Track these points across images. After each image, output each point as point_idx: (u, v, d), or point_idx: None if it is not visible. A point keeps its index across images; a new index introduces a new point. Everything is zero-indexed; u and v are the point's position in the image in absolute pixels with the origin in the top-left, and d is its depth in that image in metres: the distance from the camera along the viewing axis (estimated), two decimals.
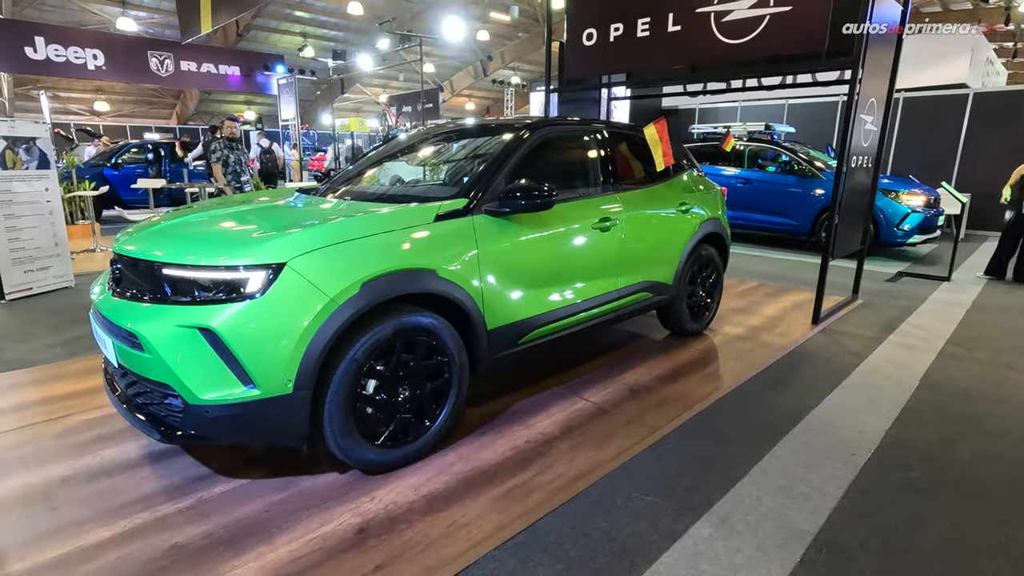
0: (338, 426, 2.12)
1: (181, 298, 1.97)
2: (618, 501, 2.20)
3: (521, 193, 2.54)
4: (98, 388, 3.12)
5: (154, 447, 2.51)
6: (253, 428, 2.03)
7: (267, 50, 20.22)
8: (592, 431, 2.72)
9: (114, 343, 2.08)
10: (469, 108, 31.72)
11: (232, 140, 6.64)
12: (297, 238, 2.07)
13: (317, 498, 2.16)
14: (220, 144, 6.63)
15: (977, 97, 9.50)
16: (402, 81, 26.98)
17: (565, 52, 5.95)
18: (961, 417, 2.96)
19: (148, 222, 2.49)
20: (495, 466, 2.41)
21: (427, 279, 2.30)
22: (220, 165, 6.59)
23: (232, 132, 6.64)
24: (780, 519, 2.10)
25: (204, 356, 1.91)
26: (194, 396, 1.91)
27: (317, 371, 2.02)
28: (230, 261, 1.95)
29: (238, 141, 6.72)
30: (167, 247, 2.10)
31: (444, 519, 2.05)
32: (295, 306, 1.97)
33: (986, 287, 5.89)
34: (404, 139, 3.61)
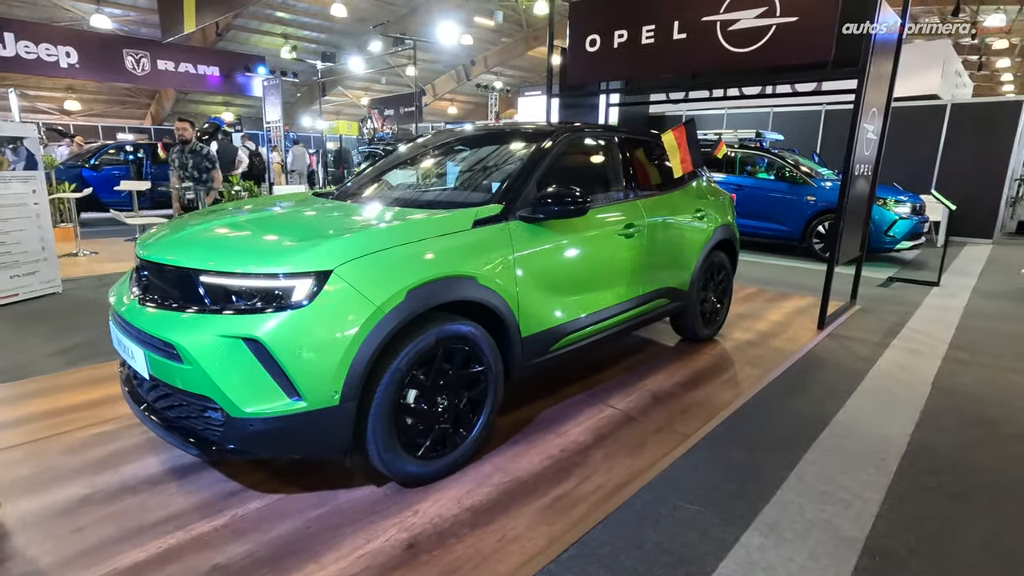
0: (381, 438, 2.06)
1: (222, 307, 1.89)
2: (663, 511, 2.18)
3: (556, 199, 2.52)
4: (105, 400, 2.99)
5: (177, 462, 2.41)
6: (296, 441, 1.96)
7: (247, 51, 19.87)
8: (624, 439, 2.71)
9: (146, 354, 1.98)
10: (451, 112, 31.65)
11: (185, 143, 5.98)
12: (342, 245, 2.01)
13: (358, 513, 2.10)
14: (176, 148, 6.08)
15: (955, 108, 9.82)
16: (384, 84, 26.80)
17: (567, 58, 5.96)
18: (977, 421, 3.02)
19: (170, 227, 2.39)
20: (534, 476, 2.37)
21: (468, 286, 2.26)
22: (178, 170, 6.00)
23: (183, 134, 5.94)
24: (827, 526, 2.10)
25: (248, 367, 1.83)
26: (237, 409, 1.83)
27: (363, 382, 1.96)
28: (275, 269, 1.88)
29: (189, 143, 5.98)
30: (205, 254, 2.01)
31: (493, 532, 2.00)
32: (342, 315, 1.91)
33: (974, 293, 6.06)
34: (421, 144, 3.56)
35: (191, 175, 5.99)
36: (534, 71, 28.32)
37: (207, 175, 6.04)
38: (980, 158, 9.57)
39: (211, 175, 6.07)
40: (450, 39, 18.41)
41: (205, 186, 6.04)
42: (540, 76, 28.83)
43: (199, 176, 6.02)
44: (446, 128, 3.64)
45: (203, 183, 6.04)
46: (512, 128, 3.29)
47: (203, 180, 6.04)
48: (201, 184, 6.03)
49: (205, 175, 6.04)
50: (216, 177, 6.13)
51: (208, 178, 6.05)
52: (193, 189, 5.99)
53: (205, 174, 6.03)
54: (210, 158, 6.04)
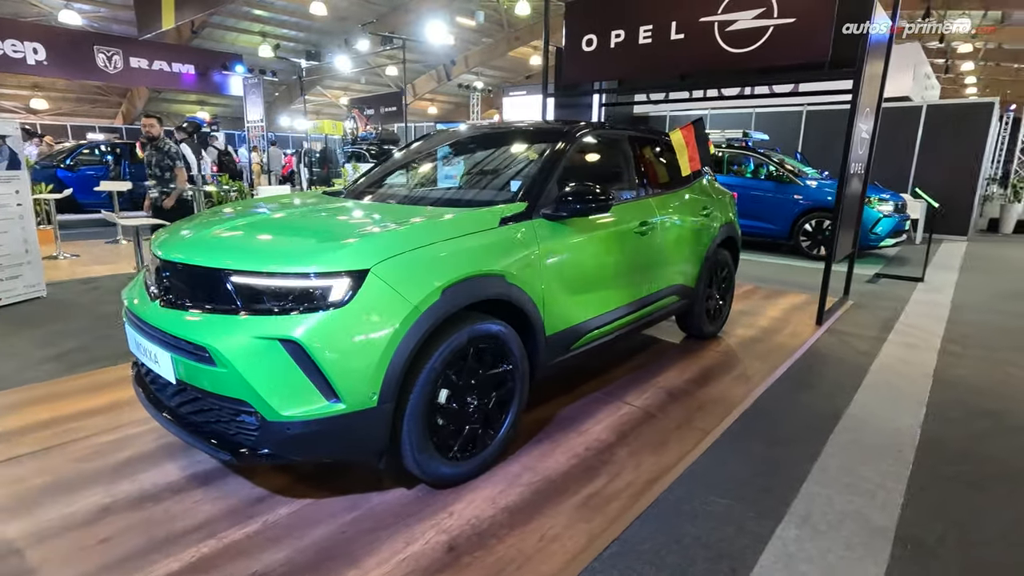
0: (416, 439, 2.03)
1: (255, 308, 1.84)
2: (696, 506, 2.19)
3: (580, 197, 2.51)
4: (111, 406, 2.89)
5: (197, 467, 2.34)
6: (333, 445, 1.92)
7: (223, 49, 19.45)
8: (646, 436, 2.72)
9: (172, 358, 1.92)
10: (431, 112, 31.48)
11: (152, 139, 5.66)
12: (377, 243, 1.98)
13: (392, 516, 2.06)
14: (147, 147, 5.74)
15: (930, 109, 10.12)
16: (364, 84, 26.53)
17: (563, 57, 5.97)
18: (981, 412, 3.11)
19: (191, 227, 2.32)
20: (562, 475, 2.36)
21: (498, 284, 2.24)
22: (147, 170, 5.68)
23: (150, 130, 5.61)
24: (857, 517, 2.14)
25: (285, 370, 1.79)
26: (274, 412, 1.78)
27: (400, 383, 1.92)
28: (311, 268, 1.84)
29: (157, 139, 5.63)
30: (237, 254, 1.96)
31: (532, 532, 1.99)
32: (380, 314, 1.87)
33: (958, 288, 6.24)
34: (431, 142, 3.52)
35: (154, 173, 5.64)
36: (515, 71, 28.34)
37: (170, 173, 5.67)
38: (954, 158, 9.87)
39: (174, 173, 5.67)
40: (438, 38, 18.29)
41: (168, 184, 5.67)
42: (521, 76, 28.88)
43: (162, 174, 5.65)
44: (454, 127, 3.60)
45: (165, 181, 5.67)
46: (526, 126, 3.29)
47: (166, 178, 5.66)
48: (164, 183, 5.66)
49: (168, 173, 5.66)
50: (179, 175, 5.72)
51: (171, 176, 5.67)
52: (156, 188, 5.64)
53: (168, 172, 5.66)
54: (172, 155, 5.66)
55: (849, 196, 4.80)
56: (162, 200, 5.65)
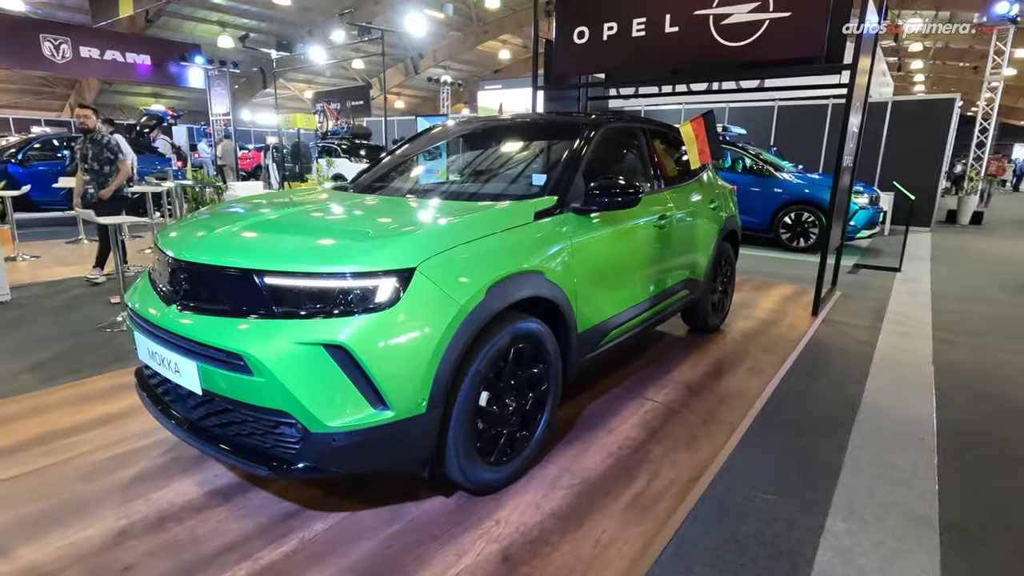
0: (462, 446, 1.93)
1: (295, 311, 1.71)
2: (741, 502, 2.16)
3: (610, 190, 2.45)
4: (106, 418, 2.68)
5: (215, 482, 2.18)
6: (379, 455, 1.80)
7: (180, 39, 18.62)
8: (675, 432, 2.68)
9: (199, 367, 1.76)
10: (399, 106, 30.97)
11: (87, 131, 5.21)
12: (422, 240, 1.87)
13: (436, 527, 1.96)
14: (81, 140, 5.28)
15: (895, 105, 10.48)
16: (329, 77, 25.88)
17: (553, 49, 5.89)
18: (985, 397, 3.20)
19: (209, 225, 2.14)
20: (601, 476, 2.30)
21: (537, 282, 2.16)
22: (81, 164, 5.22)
23: (85, 122, 5.15)
24: (899, 507, 2.15)
25: (330, 377, 1.66)
26: (319, 423, 1.66)
27: (448, 387, 1.82)
28: (355, 268, 1.71)
29: (92, 132, 5.20)
30: (272, 254, 1.81)
31: (586, 537, 1.92)
32: (428, 315, 1.77)
33: (934, 277, 6.47)
34: (439, 136, 3.39)
35: (90, 167, 5.17)
36: (483, 65, 28.14)
37: (110, 167, 5.22)
38: (918, 152, 10.25)
39: (116, 167, 5.24)
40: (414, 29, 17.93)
41: (106, 180, 5.21)
42: (489, 70, 28.70)
43: (100, 168, 5.18)
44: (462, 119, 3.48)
45: (103, 176, 5.20)
46: (543, 119, 3.20)
47: (104, 173, 5.20)
48: (102, 177, 5.20)
49: (108, 167, 5.21)
50: (123, 169, 5.30)
51: (112, 171, 5.23)
52: (93, 183, 5.18)
53: (108, 166, 5.21)
54: (112, 148, 5.23)
55: (840, 189, 4.89)
56: (96, 196, 5.17)
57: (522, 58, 27.21)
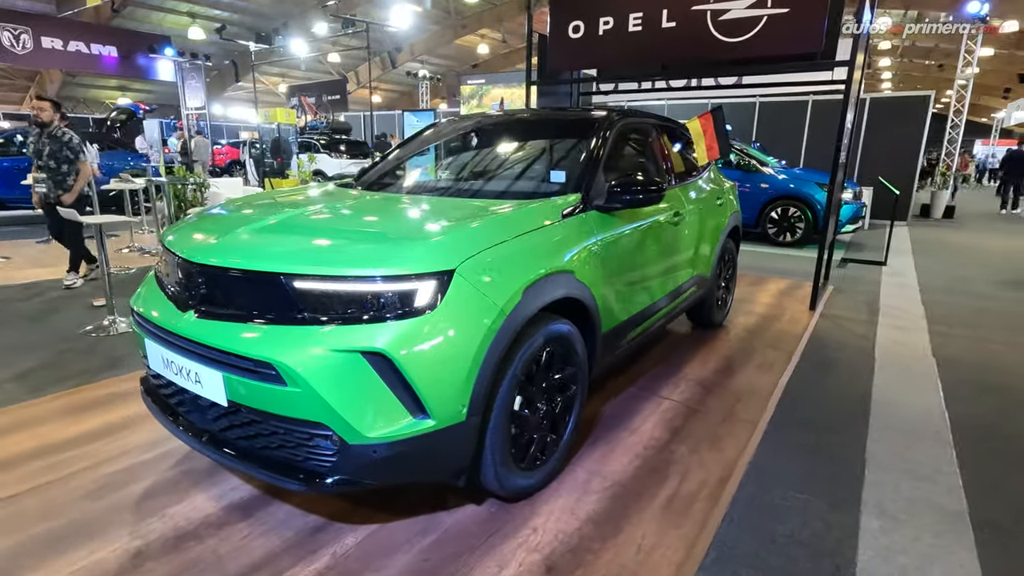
0: (499, 453, 1.87)
1: (329, 317, 1.62)
2: (775, 502, 2.15)
3: (634, 187, 2.40)
4: (104, 430, 2.54)
5: (232, 496, 2.08)
6: (418, 466, 1.73)
7: (147, 30, 17.97)
8: (697, 431, 2.66)
9: (225, 377, 1.66)
10: (376, 101, 30.50)
11: (42, 125, 4.82)
12: (459, 241, 1.79)
13: (471, 537, 1.90)
14: (36, 134, 4.91)
15: (872, 101, 10.70)
16: (304, 71, 25.34)
17: (548, 44, 5.82)
18: (989, 389, 3.27)
19: (226, 225, 2.03)
20: (631, 479, 2.27)
21: (568, 281, 2.10)
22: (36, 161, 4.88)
23: (40, 115, 4.78)
24: (928, 503, 2.16)
25: (369, 385, 1.58)
26: (357, 435, 1.58)
27: (488, 393, 1.76)
28: (393, 270, 1.63)
29: (48, 126, 4.82)
30: (304, 256, 1.71)
31: (627, 543, 1.88)
32: (468, 319, 1.70)
33: (919, 271, 6.61)
34: (446, 132, 3.30)
35: (46, 164, 4.79)
36: (461, 60, 27.89)
37: (68, 166, 4.85)
38: (895, 148, 10.49)
39: (75, 167, 4.88)
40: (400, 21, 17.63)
41: (66, 179, 4.86)
42: (467, 64, 28.45)
43: (57, 167, 4.81)
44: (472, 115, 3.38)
45: (62, 175, 4.84)
46: (558, 115, 3.14)
47: (63, 172, 4.84)
48: (60, 177, 4.84)
49: (67, 166, 4.84)
50: (84, 170, 4.96)
51: (70, 170, 4.87)
52: (48, 183, 4.80)
53: (66, 165, 4.84)
54: (73, 146, 4.86)
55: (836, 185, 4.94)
56: (56, 196, 4.82)
57: (501, 53, 27.06)
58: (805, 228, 7.90)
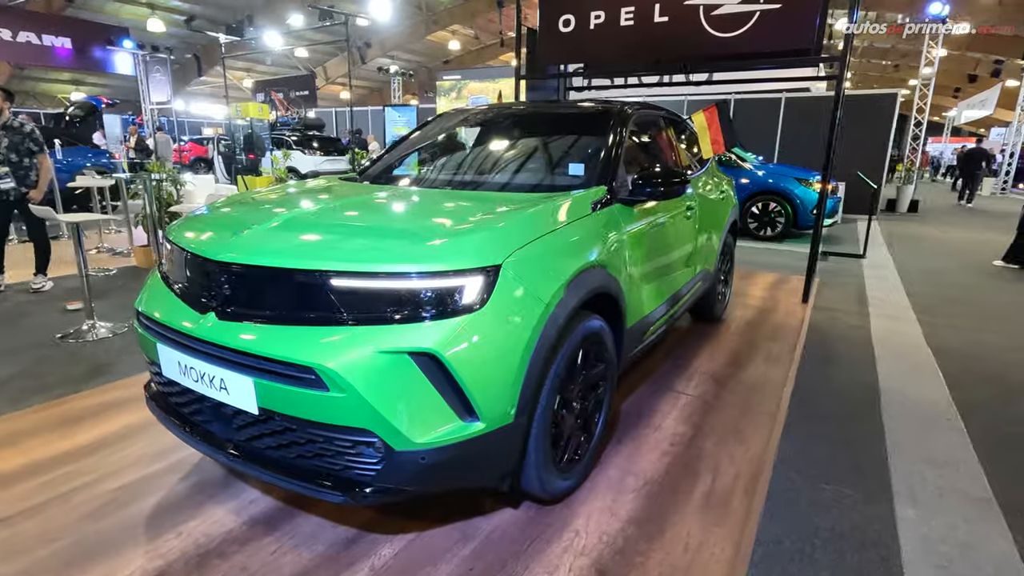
0: (542, 454, 1.80)
1: (370, 317, 1.52)
2: (808, 495, 2.14)
3: (655, 180, 2.35)
4: (100, 442, 2.37)
5: (251, 508, 1.95)
6: (465, 471, 1.65)
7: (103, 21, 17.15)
8: (719, 425, 2.64)
9: (256, 383, 1.55)
10: (344, 97, 29.92)
11: None
12: (505, 234, 1.71)
13: (513, 543, 1.82)
14: None
15: (845, 99, 10.96)
16: (269, 65, 24.65)
17: (537, 37, 5.75)
18: (986, 377, 3.35)
19: (235, 220, 1.90)
20: (664, 476, 2.23)
21: (603, 276, 2.05)
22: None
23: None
24: (955, 490, 2.19)
25: (417, 388, 1.49)
26: (405, 441, 1.49)
27: (534, 392, 1.69)
28: (440, 265, 1.54)
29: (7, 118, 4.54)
30: (339, 252, 1.61)
31: (673, 543, 1.84)
32: (516, 315, 1.62)
33: (896, 263, 6.80)
34: (452, 124, 3.19)
35: (5, 159, 4.50)
36: (432, 56, 27.59)
37: (30, 160, 4.58)
38: (864, 144, 10.79)
39: (34, 161, 4.61)
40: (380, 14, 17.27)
41: (27, 175, 4.58)
42: (438, 61, 28.15)
43: (20, 161, 4.53)
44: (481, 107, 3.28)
45: (24, 169, 4.56)
46: (571, 107, 3.08)
47: (25, 166, 4.56)
48: (23, 171, 4.55)
49: (27, 160, 4.56)
50: (44, 163, 4.68)
51: (31, 164, 4.59)
52: (9, 177, 4.50)
53: (27, 159, 4.56)
54: (36, 139, 4.58)
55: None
56: (18, 194, 4.54)
57: (472, 49, 26.87)
58: (785, 222, 8.04)
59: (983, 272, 6.40)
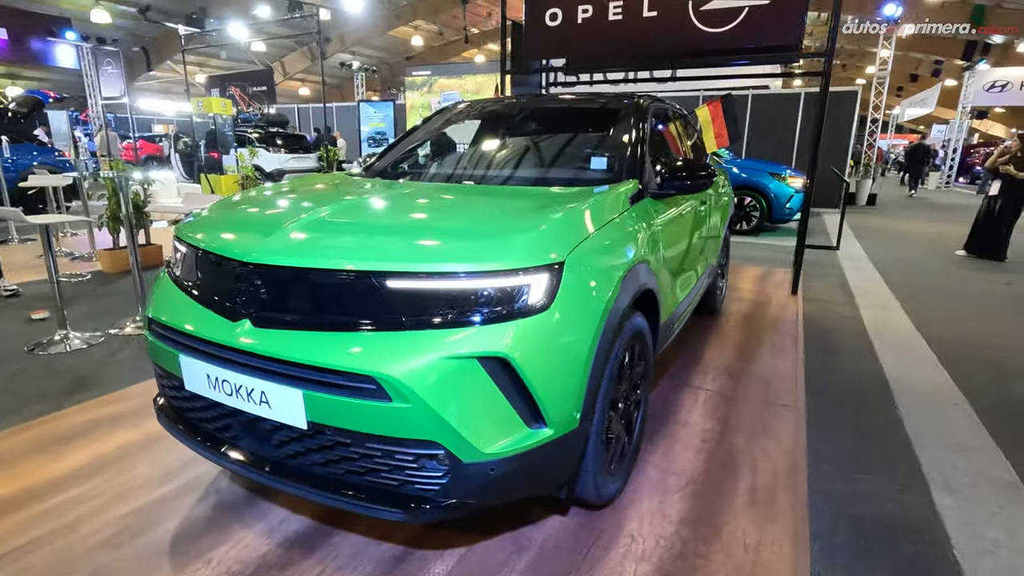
0: (599, 458, 1.73)
1: (432, 320, 1.41)
2: (844, 488, 2.15)
3: (683, 172, 2.32)
4: (98, 463, 2.17)
5: (285, 530, 1.81)
6: (529, 480, 1.56)
7: (42, 11, 16.09)
8: (745, 419, 2.63)
9: (306, 395, 1.42)
10: (303, 93, 29.11)
11: None
12: (563, 229, 1.62)
13: (570, 551, 1.75)
14: None
15: (807, 96, 11.33)
16: (224, 60, 23.69)
17: (523, 32, 5.67)
18: (982, 362, 3.48)
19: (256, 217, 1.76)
20: (704, 474, 2.19)
21: (646, 272, 1.99)
22: None
23: None
24: (984, 475, 2.24)
25: (485, 395, 1.40)
26: (474, 452, 1.39)
27: (596, 394, 1.62)
28: (506, 263, 1.44)
29: None
30: (396, 250, 1.49)
31: (731, 543, 1.80)
32: (580, 314, 1.54)
33: (868, 254, 7.03)
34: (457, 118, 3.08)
35: None
36: (394, 52, 27.12)
37: None
38: (828, 139, 11.14)
39: None
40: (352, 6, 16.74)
41: None
42: (401, 57, 27.68)
43: None
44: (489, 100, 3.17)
45: None
46: (587, 100, 3.01)
47: None
48: None
49: None
50: None
51: None
52: None
53: None
54: None
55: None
56: None
57: (436, 45, 26.53)
58: (760, 216, 8.22)
59: (951, 262, 6.68)
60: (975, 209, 7.03)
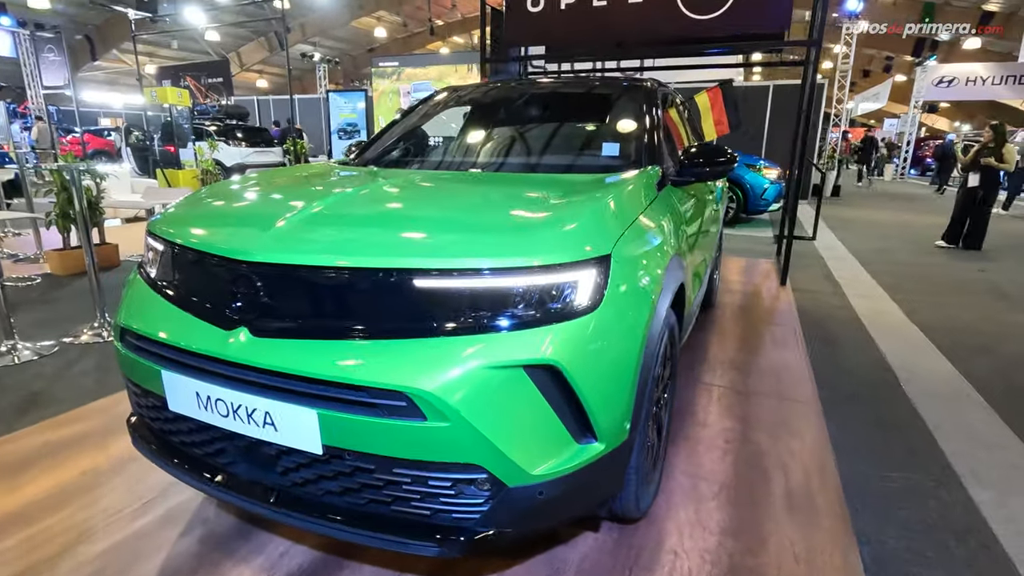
0: (641, 469, 1.58)
1: (471, 325, 1.22)
2: (878, 487, 2.06)
3: (703, 157, 2.17)
4: (63, 492, 1.89)
5: (288, 565, 1.59)
6: (577, 502, 1.39)
7: None
8: (763, 416, 2.53)
9: (321, 416, 1.21)
10: (261, 85, 28.07)
11: None
12: (605, 219, 1.45)
13: (609, 572, 1.59)
14: None
15: (775, 88, 11.47)
16: (175, 50, 22.61)
17: (504, 18, 5.46)
18: (978, 349, 3.48)
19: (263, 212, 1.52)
20: (735, 478, 2.07)
21: (680, 264, 1.84)
22: None
23: None
24: (1014, 468, 2.19)
25: (532, 408, 1.22)
26: (522, 474, 1.21)
27: (643, 401, 1.46)
28: (550, 257, 1.25)
29: None
30: (422, 244, 1.28)
31: (780, 554, 1.67)
32: (628, 314, 1.38)
33: (844, 243, 7.13)
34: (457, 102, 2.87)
35: None
36: (356, 43, 26.42)
37: None
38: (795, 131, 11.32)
39: None
40: None
41: None
42: (363, 48, 27.00)
43: None
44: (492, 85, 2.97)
45: None
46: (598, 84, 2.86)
47: None
48: None
49: None
50: None
51: None
52: None
53: None
54: None
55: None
56: None
57: (400, 36, 25.96)
58: (736, 208, 8.25)
59: (922, 251, 6.83)
60: (933, 199, 7.22)
